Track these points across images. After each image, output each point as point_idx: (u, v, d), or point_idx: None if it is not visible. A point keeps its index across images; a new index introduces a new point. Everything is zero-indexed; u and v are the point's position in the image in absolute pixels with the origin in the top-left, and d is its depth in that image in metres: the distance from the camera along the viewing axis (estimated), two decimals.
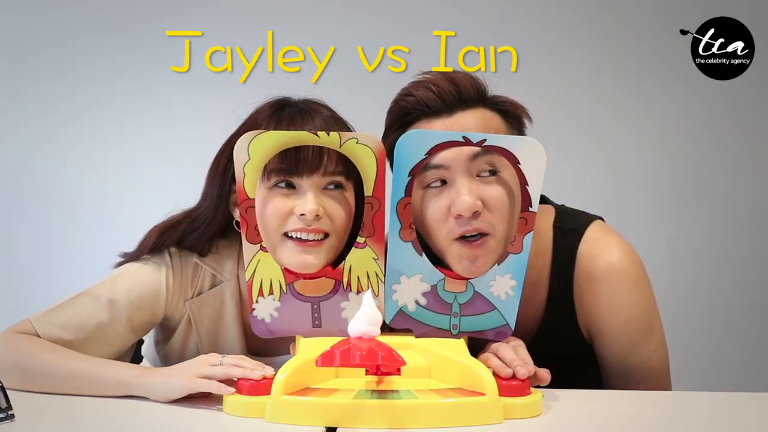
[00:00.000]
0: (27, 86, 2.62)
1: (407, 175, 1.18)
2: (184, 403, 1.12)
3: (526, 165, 1.18)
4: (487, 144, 1.17)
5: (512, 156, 1.18)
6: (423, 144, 1.17)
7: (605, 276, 1.33)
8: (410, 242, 1.21)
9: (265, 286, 1.21)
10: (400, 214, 1.20)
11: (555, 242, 1.37)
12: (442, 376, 1.15)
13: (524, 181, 1.19)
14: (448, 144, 1.18)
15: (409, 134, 1.19)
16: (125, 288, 1.28)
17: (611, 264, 1.34)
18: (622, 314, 1.33)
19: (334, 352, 1.04)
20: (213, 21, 2.62)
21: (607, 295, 1.33)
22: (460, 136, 1.17)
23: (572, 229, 1.38)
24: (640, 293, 1.34)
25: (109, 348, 1.27)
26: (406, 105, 1.29)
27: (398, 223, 1.20)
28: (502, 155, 1.19)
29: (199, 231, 1.31)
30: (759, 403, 1.23)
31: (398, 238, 1.20)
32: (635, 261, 1.35)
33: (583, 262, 1.35)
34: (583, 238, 1.36)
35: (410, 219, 1.20)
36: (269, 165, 1.19)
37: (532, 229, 1.20)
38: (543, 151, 1.17)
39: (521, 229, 1.21)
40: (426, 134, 1.20)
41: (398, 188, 1.19)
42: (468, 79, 1.28)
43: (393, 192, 1.19)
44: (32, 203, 2.62)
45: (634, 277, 1.34)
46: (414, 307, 1.22)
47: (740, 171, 2.61)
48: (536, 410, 1.10)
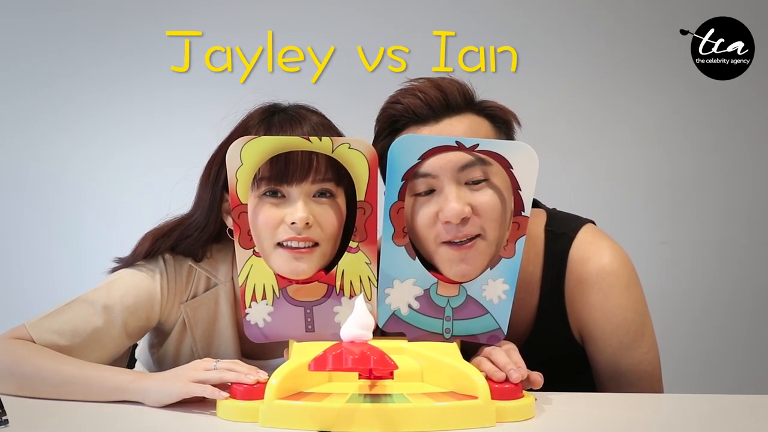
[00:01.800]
0: (27, 89, 2.61)
1: (400, 180, 1.19)
2: (179, 407, 1.12)
3: (519, 170, 1.18)
4: (479, 149, 1.18)
5: (505, 161, 1.18)
6: (416, 149, 1.18)
7: (596, 279, 1.33)
8: (403, 246, 1.21)
9: (258, 291, 1.22)
10: (393, 218, 1.20)
11: (546, 246, 1.37)
12: (434, 380, 1.15)
13: (517, 186, 1.19)
14: (441, 149, 1.18)
15: (402, 139, 1.19)
16: (120, 293, 1.29)
17: (602, 267, 1.34)
18: (614, 317, 1.33)
19: (326, 357, 1.05)
20: (213, 21, 2.62)
21: (598, 298, 1.33)
22: (453, 141, 1.17)
23: (564, 233, 1.38)
24: (631, 296, 1.34)
25: (104, 353, 1.27)
26: (394, 113, 1.29)
27: (391, 227, 1.20)
28: (495, 160, 1.19)
29: (193, 237, 1.32)
30: (756, 405, 1.23)
31: (391, 242, 1.21)
32: (626, 264, 1.35)
33: (574, 265, 1.35)
34: (574, 242, 1.36)
35: (403, 223, 1.21)
36: (259, 173, 1.20)
37: (525, 233, 1.21)
38: (535, 156, 1.17)
39: (513, 234, 1.21)
40: (419, 139, 1.21)
41: (391, 193, 1.19)
42: (455, 85, 1.29)
43: (386, 196, 1.20)
44: (33, 206, 2.62)
45: (625, 280, 1.34)
46: (407, 311, 1.23)
47: (740, 171, 2.60)
48: (529, 413, 1.11)
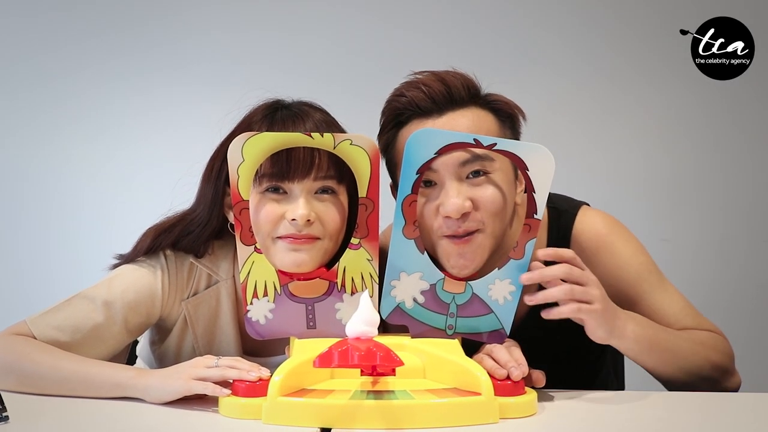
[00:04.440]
0: (26, 88, 2.61)
1: (415, 173, 1.19)
2: (180, 404, 1.12)
3: (535, 172, 1.18)
4: (497, 148, 1.18)
5: (522, 162, 1.18)
6: (433, 143, 1.17)
7: (597, 243, 1.37)
8: (413, 239, 1.21)
9: (260, 288, 1.21)
10: (405, 211, 1.20)
11: (550, 224, 1.40)
12: (437, 377, 1.15)
13: (531, 188, 1.19)
14: (458, 145, 1.18)
15: (419, 132, 1.19)
16: (121, 289, 1.28)
17: (599, 231, 1.38)
18: (630, 266, 1.36)
19: (332, 353, 1.04)
20: (213, 21, 2.62)
21: (606, 257, 1.36)
22: (471, 138, 1.17)
23: (566, 210, 1.41)
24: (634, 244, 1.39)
25: (104, 349, 1.27)
26: (398, 105, 1.30)
27: (402, 219, 1.20)
28: (512, 161, 1.19)
29: (194, 234, 1.31)
30: (755, 404, 1.23)
31: (401, 234, 1.20)
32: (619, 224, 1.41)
33: (577, 238, 1.38)
34: (576, 218, 1.40)
35: (415, 216, 1.20)
36: (261, 169, 1.20)
37: (536, 236, 1.20)
38: (552, 160, 1.17)
39: (524, 236, 1.20)
40: (437, 133, 1.19)
41: (405, 185, 1.19)
42: (459, 78, 1.29)
43: (399, 189, 1.20)
44: (32, 205, 2.62)
45: (624, 234, 1.39)
46: (412, 305, 1.23)
47: (740, 171, 2.60)
48: (531, 409, 1.11)
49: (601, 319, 1.17)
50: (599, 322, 1.17)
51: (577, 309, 1.16)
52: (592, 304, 1.16)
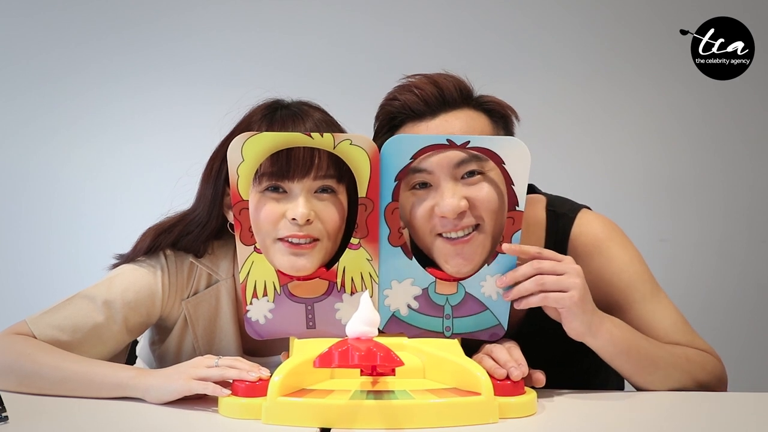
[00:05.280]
0: (25, 89, 2.61)
1: (393, 180, 1.20)
2: (180, 404, 1.12)
3: (511, 165, 1.19)
4: (471, 145, 1.18)
5: (497, 156, 1.19)
6: (407, 149, 1.19)
7: (593, 247, 1.36)
8: (400, 247, 1.22)
9: (259, 288, 1.21)
10: (389, 219, 1.21)
11: (548, 227, 1.39)
12: (436, 376, 1.15)
13: (510, 181, 1.20)
14: (432, 147, 1.19)
15: (393, 139, 1.20)
16: (121, 289, 1.28)
17: (596, 235, 1.37)
18: (624, 273, 1.34)
19: (332, 353, 1.05)
20: (213, 21, 2.62)
21: (602, 262, 1.35)
22: (444, 140, 1.18)
23: (564, 213, 1.40)
24: (630, 252, 1.37)
25: (104, 349, 1.27)
26: (391, 109, 1.30)
27: (387, 228, 1.21)
28: (487, 156, 1.20)
29: (194, 234, 1.32)
30: (755, 404, 1.23)
31: (387, 243, 1.22)
32: (617, 228, 1.40)
33: (573, 242, 1.37)
34: (575, 222, 1.38)
35: (399, 224, 1.22)
36: (260, 168, 1.20)
37: (521, 227, 1.21)
38: (527, 151, 1.18)
39: (509, 229, 1.21)
40: (410, 139, 1.22)
41: (385, 193, 1.20)
42: (451, 80, 1.29)
43: (381, 198, 1.21)
44: (32, 205, 2.62)
45: (621, 240, 1.38)
46: (406, 312, 1.23)
47: (740, 171, 2.60)
48: (531, 409, 1.11)
49: (577, 309, 1.17)
50: (575, 313, 1.17)
51: (543, 297, 1.17)
52: (568, 291, 1.16)
